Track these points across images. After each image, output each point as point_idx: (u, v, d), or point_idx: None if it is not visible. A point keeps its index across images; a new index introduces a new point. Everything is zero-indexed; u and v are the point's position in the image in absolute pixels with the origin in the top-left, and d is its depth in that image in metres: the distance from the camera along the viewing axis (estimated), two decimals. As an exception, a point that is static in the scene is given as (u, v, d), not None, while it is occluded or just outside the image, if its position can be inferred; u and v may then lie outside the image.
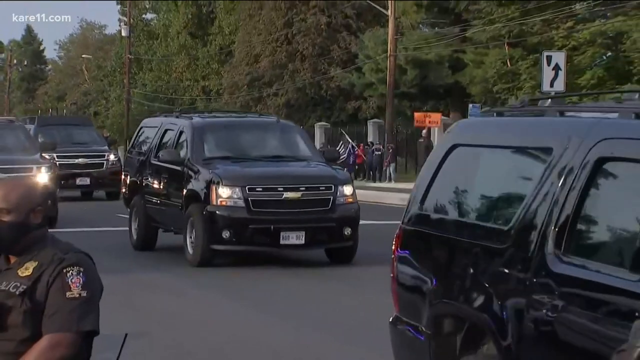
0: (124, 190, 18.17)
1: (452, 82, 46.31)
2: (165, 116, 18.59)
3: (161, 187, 16.20)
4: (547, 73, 28.61)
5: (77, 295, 4.03)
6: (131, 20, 66.06)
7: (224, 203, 14.31)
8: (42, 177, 19.17)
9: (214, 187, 14.37)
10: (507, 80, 43.37)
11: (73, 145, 28.40)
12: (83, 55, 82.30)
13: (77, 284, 4.04)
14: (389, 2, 42.50)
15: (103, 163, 29.23)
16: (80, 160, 27.72)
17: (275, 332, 10.66)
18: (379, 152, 42.82)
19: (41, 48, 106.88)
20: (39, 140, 24.80)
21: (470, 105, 41.40)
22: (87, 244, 15.31)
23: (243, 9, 56.67)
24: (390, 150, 41.98)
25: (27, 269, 4.08)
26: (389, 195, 32.58)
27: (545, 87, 28.78)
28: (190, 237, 14.72)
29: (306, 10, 52.13)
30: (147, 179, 16.76)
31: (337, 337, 10.32)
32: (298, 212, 14.46)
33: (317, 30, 51.82)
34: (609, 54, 41.91)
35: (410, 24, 47.96)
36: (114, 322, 8.31)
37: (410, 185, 16.23)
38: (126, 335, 4.40)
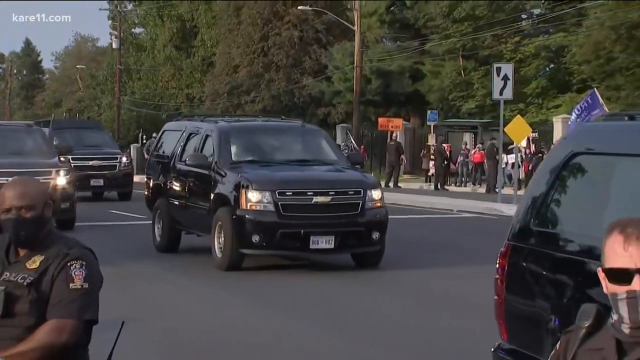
0: (146, 192, 16.67)
1: (412, 90, 46.56)
2: (189, 120, 17.20)
3: (187, 190, 14.93)
4: (497, 83, 28.68)
5: (80, 287, 3.99)
6: (121, 34, 65.19)
7: (253, 207, 13.02)
8: (61, 180, 18.08)
9: (243, 191, 13.08)
10: (461, 89, 43.76)
11: (86, 148, 26.79)
12: (77, 66, 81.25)
13: (80, 277, 4.00)
14: (356, 18, 42.70)
15: (116, 165, 27.81)
16: (94, 162, 26.17)
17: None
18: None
19: (39, 59, 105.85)
20: (54, 143, 23.62)
21: (429, 112, 41.77)
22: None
23: (223, 24, 56.56)
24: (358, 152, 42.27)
25: (34, 262, 4.03)
26: None
27: (495, 95, 28.94)
28: (219, 241, 13.42)
29: (280, 25, 52.11)
30: (172, 182, 15.43)
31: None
32: (328, 216, 13.21)
33: (291, 44, 51.76)
34: (552, 65, 42.40)
35: (374, 38, 48.19)
36: (130, 316, 7.93)
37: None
38: (123, 322, 4.28)
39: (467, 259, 14.81)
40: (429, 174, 38.36)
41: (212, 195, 13.77)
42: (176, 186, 15.20)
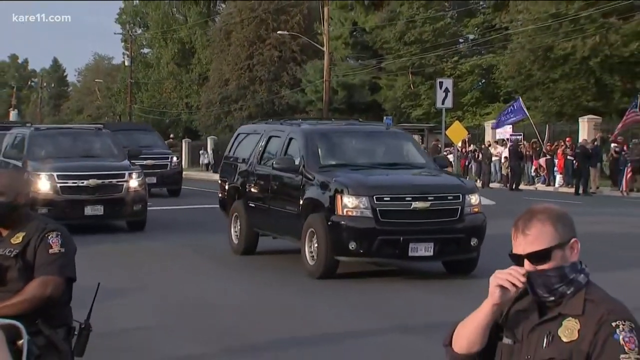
0: (220, 195, 13.93)
1: (371, 100, 46.64)
2: (266, 123, 14.42)
3: (270, 193, 12.20)
4: (440, 94, 28.94)
5: (58, 251, 3.94)
6: (132, 53, 65.17)
7: (350, 213, 10.45)
8: (133, 182, 15.40)
9: (339, 197, 10.54)
10: (411, 99, 43.96)
11: (137, 148, 22.52)
12: (96, 80, 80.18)
13: (57, 243, 3.96)
14: (325, 41, 42.92)
15: (167, 164, 25.02)
16: (149, 161, 22.59)
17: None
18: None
19: (64, 74, 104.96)
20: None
21: (385, 117, 42.00)
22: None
23: (216, 45, 56.52)
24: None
25: (17, 238, 3.98)
26: None
27: (438, 104, 29.23)
28: (310, 248, 10.91)
29: (263, 46, 52.14)
30: (251, 185, 12.72)
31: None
32: (427, 222, 10.60)
33: (271, 62, 51.77)
34: (483, 80, 42.79)
35: (340, 58, 48.25)
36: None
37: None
38: (99, 284, 4.13)
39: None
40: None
41: (301, 200, 11.22)
42: (257, 189, 12.60)
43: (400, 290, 10.23)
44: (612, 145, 28.61)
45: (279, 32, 48.36)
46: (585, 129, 31.43)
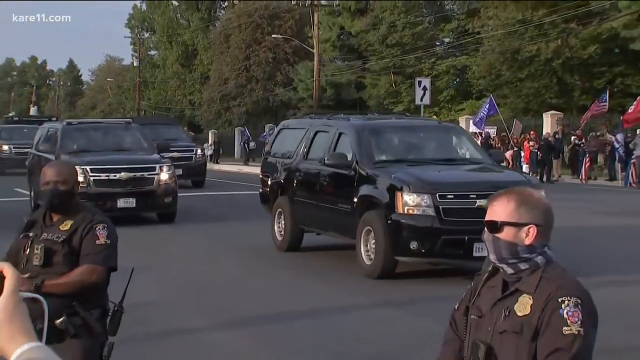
0: (262, 190, 12.51)
1: (357, 97, 46.52)
2: (311, 118, 12.90)
3: (319, 190, 10.78)
4: (418, 92, 29.08)
5: (104, 243, 3.88)
6: (140, 55, 65.36)
7: (411, 211, 9.10)
8: (164, 175, 14.50)
9: (399, 194, 9.18)
10: (393, 97, 43.90)
11: (165, 142, 21.27)
12: (108, 79, 79.85)
13: (104, 235, 3.89)
14: (315, 44, 42.88)
15: (192, 156, 23.71)
16: (175, 154, 20.84)
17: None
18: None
19: (79, 74, 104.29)
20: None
21: (369, 113, 42.04)
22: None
23: (216, 47, 56.43)
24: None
25: (66, 225, 3.90)
26: None
27: (417, 101, 29.35)
28: (366, 247, 9.61)
29: (259, 49, 52.04)
30: (298, 180, 11.30)
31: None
32: None
33: (267, 62, 51.66)
34: (458, 80, 42.84)
35: (329, 59, 48.20)
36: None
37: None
38: (132, 269, 4.01)
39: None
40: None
41: (355, 197, 9.85)
42: (304, 185, 11.19)
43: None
44: (573, 138, 28.78)
45: (273, 35, 48.40)
46: (549, 123, 31.59)
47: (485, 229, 2.60)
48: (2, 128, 33.35)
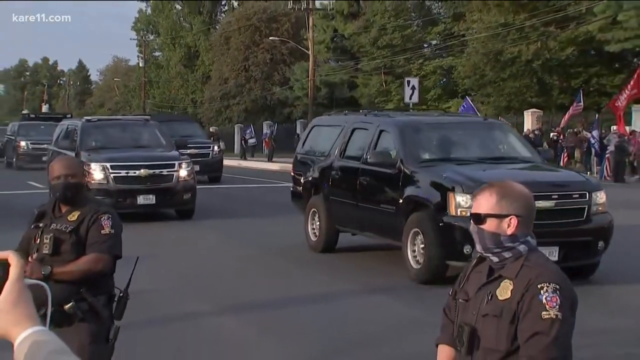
0: (293, 188, 11.45)
1: (349, 96, 46.36)
2: (346, 115, 11.56)
3: (359, 189, 9.65)
4: (407, 91, 29.04)
5: (108, 232, 3.85)
6: (145, 56, 65.31)
7: (465, 213, 7.94)
8: (183, 172, 13.80)
9: (451, 195, 8.14)
10: (383, 95, 43.85)
11: (182, 138, 20.95)
12: (115, 79, 79.97)
13: (108, 225, 3.86)
14: (310, 45, 42.87)
15: (209, 153, 22.63)
16: (192, 150, 19.96)
17: None
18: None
19: (88, 74, 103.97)
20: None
21: (361, 111, 41.95)
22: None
23: (217, 49, 56.39)
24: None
25: (73, 216, 3.88)
26: None
27: (406, 99, 29.28)
28: (413, 250, 8.58)
29: (257, 50, 51.93)
30: (334, 180, 10.17)
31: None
32: (550, 224, 8.01)
33: (264, 63, 51.59)
34: (444, 79, 42.84)
35: (323, 59, 48.22)
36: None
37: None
38: (137, 257, 4.01)
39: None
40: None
41: (400, 197, 8.84)
42: (341, 184, 10.11)
43: None
44: (552, 134, 28.83)
45: (270, 37, 48.41)
46: (529, 121, 31.64)
47: (471, 221, 2.62)
48: (20, 125, 32.80)
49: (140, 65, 67.62)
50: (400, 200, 8.82)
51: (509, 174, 8.46)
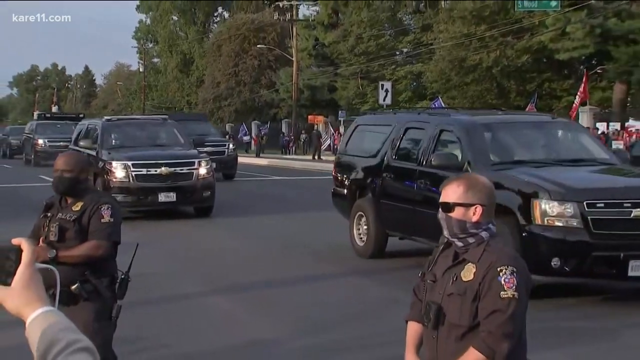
0: (335, 189, 9.83)
1: (329, 98, 46.24)
2: (395, 113, 10.08)
3: (417, 193, 8.07)
4: (381, 94, 29.01)
5: (108, 221, 3.81)
6: (145, 62, 65.06)
7: (552, 222, 6.50)
8: (202, 170, 12.84)
9: (536, 202, 6.57)
10: (360, 98, 43.79)
11: (199, 137, 19.26)
12: (117, 82, 79.85)
13: (108, 214, 3.82)
14: (294, 52, 42.78)
15: (224, 150, 21.16)
16: (208, 149, 18.04)
17: None
18: (288, 139, 43.16)
19: (93, 78, 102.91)
20: None
21: (339, 111, 42.01)
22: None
23: (210, 56, 56.17)
24: (292, 137, 42.51)
25: (77, 206, 3.85)
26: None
27: (380, 101, 29.24)
28: None
29: (246, 57, 51.77)
30: (386, 182, 8.67)
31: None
32: None
33: (253, 68, 51.54)
34: (415, 83, 42.92)
35: (305, 65, 48.17)
36: None
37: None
38: (137, 244, 3.94)
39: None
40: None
41: None
42: (395, 187, 8.60)
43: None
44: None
45: (258, 45, 48.39)
46: (489, 121, 31.71)
47: (440, 209, 2.63)
48: (37, 124, 31.80)
49: (141, 70, 67.26)
50: None
51: (598, 178, 7.25)
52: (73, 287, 3.71)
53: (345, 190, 9.48)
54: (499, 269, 2.48)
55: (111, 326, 3.84)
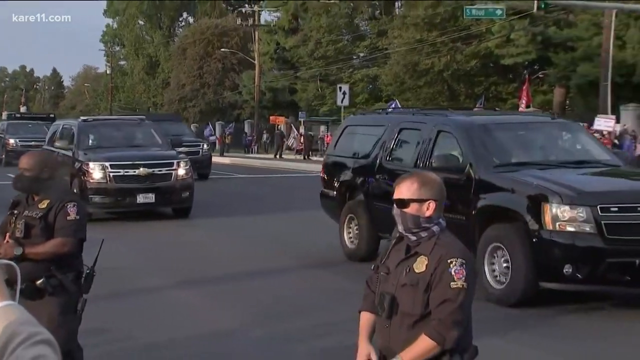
0: (323, 190, 9.14)
1: (290, 100, 46.11)
2: (387, 113, 9.55)
3: None
4: (339, 96, 29.17)
5: (74, 218, 3.74)
6: (112, 64, 64.23)
7: (563, 227, 5.96)
8: (181, 171, 12.18)
9: (546, 206, 6.01)
10: (319, 99, 43.93)
11: (176, 137, 18.34)
12: (85, 84, 78.76)
13: (74, 212, 3.75)
14: (256, 56, 42.62)
15: (199, 151, 20.28)
16: (182, 148, 16.71)
17: None
18: (252, 138, 43.03)
19: (61, 80, 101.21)
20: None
21: (300, 112, 42.01)
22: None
23: (175, 59, 55.65)
24: (255, 137, 42.37)
25: (43, 203, 3.78)
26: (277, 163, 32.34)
27: (339, 103, 29.42)
28: (493, 269, 6.39)
29: (210, 60, 51.52)
30: (379, 184, 8.00)
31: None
32: None
33: (216, 71, 51.25)
34: (371, 86, 43.18)
35: (267, 68, 48.10)
36: None
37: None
38: (102, 240, 3.88)
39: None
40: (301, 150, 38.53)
41: (473, 207, 6.63)
42: (389, 189, 5.27)
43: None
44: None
45: (222, 49, 48.12)
46: (441, 121, 32.03)
47: (394, 205, 2.63)
48: (9, 124, 30.96)
49: (108, 72, 66.66)
50: (474, 211, 6.59)
51: (606, 181, 6.77)
52: (38, 282, 3.66)
53: (335, 192, 8.84)
54: (449, 261, 2.52)
55: (76, 319, 3.79)
